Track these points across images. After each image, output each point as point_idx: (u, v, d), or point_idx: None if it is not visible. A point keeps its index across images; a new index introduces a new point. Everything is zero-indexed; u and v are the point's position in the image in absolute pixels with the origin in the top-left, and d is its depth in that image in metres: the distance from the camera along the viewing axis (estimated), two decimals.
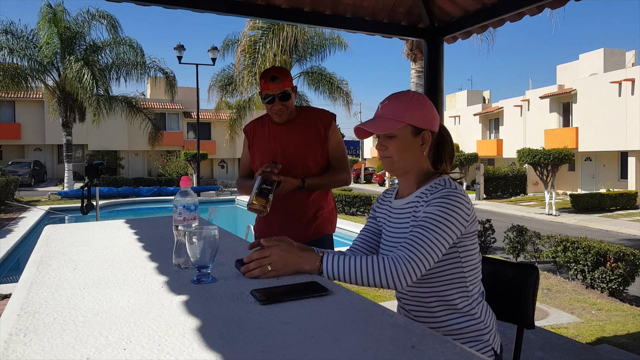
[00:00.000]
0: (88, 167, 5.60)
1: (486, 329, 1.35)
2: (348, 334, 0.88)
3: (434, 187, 1.35)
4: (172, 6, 2.85)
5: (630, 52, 23.99)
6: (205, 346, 0.82)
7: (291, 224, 2.20)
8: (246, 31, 15.92)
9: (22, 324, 0.93)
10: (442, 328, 1.34)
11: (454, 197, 1.28)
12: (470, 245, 1.35)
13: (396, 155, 1.39)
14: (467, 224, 1.30)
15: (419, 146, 1.38)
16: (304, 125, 2.25)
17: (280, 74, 2.16)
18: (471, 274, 1.35)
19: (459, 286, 1.34)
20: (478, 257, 1.39)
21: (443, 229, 1.25)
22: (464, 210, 1.28)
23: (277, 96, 2.13)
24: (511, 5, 2.92)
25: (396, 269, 1.21)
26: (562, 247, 6.88)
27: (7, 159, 29.27)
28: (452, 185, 1.33)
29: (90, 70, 17.62)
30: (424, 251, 1.23)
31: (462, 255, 1.34)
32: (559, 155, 17.11)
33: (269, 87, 2.13)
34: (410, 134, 1.37)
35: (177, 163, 26.75)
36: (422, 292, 1.36)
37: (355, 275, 1.25)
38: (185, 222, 1.38)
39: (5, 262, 7.62)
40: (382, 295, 5.38)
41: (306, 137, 2.23)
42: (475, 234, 1.37)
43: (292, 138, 2.23)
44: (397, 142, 1.38)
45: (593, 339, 4.15)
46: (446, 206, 1.27)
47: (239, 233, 2.53)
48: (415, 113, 1.37)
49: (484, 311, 1.37)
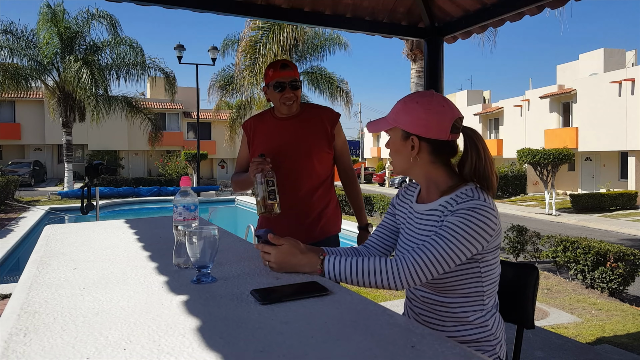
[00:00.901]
0: (88, 167, 5.60)
1: (495, 340, 1.32)
2: (348, 334, 0.88)
3: (459, 196, 1.28)
4: (172, 6, 2.85)
5: (630, 52, 23.99)
6: (205, 346, 0.82)
7: (295, 225, 2.12)
8: (246, 31, 15.93)
9: (22, 324, 0.93)
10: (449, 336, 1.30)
11: (480, 211, 1.21)
12: (493, 259, 1.30)
13: (392, 157, 1.40)
14: (491, 239, 1.24)
15: (409, 151, 1.33)
16: (309, 121, 2.19)
17: (290, 63, 2.15)
18: (489, 287, 1.31)
19: (476, 300, 1.30)
20: (498, 270, 1.34)
21: (461, 241, 1.20)
22: (489, 225, 1.22)
23: (289, 84, 2.09)
24: (511, 5, 2.91)
25: (398, 270, 1.20)
26: (562, 247, 6.88)
27: (7, 159, 29.27)
28: (480, 197, 1.25)
29: (89, 70, 17.62)
30: (433, 258, 1.19)
31: (483, 270, 1.29)
32: (559, 155, 17.12)
33: (280, 75, 2.09)
34: (400, 138, 1.34)
35: (177, 163, 26.76)
36: (436, 300, 1.33)
37: (357, 276, 1.24)
38: (185, 222, 1.38)
39: (5, 262, 7.62)
40: (382, 295, 5.38)
41: (312, 132, 2.16)
42: (498, 248, 1.32)
43: (297, 132, 2.16)
44: (391, 143, 1.38)
45: (593, 339, 4.15)
46: (469, 219, 1.21)
47: (239, 233, 2.53)
48: (404, 117, 1.32)
49: (496, 323, 1.34)
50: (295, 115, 2.18)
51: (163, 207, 15.64)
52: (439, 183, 1.35)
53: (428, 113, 1.31)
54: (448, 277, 1.28)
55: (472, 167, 1.31)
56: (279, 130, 2.18)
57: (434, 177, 1.35)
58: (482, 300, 1.30)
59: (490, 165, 1.33)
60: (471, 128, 1.36)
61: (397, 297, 5.34)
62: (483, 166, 1.31)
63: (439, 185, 1.34)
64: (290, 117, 2.18)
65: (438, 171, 1.35)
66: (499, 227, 1.26)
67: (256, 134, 2.25)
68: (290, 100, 2.11)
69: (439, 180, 1.35)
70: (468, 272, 1.27)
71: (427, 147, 1.32)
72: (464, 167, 1.33)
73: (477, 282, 1.29)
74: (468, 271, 1.27)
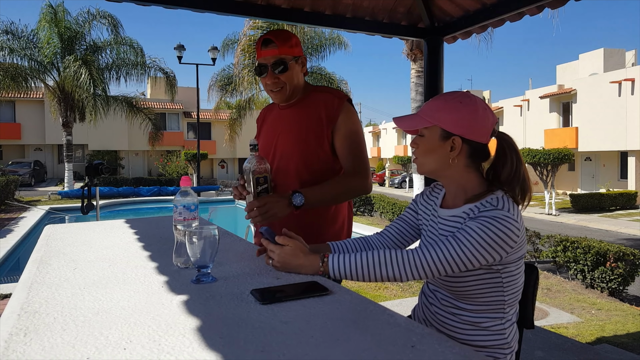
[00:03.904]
0: (88, 167, 5.60)
1: (509, 349, 1.30)
2: (348, 334, 0.88)
3: (484, 204, 1.22)
4: (172, 6, 2.85)
5: (630, 52, 24.01)
6: (205, 346, 0.82)
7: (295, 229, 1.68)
8: (246, 31, 15.94)
9: (22, 324, 0.93)
10: (463, 339, 1.28)
11: (502, 221, 1.15)
12: (516, 271, 1.25)
13: (421, 157, 1.32)
14: (511, 251, 1.19)
15: (447, 152, 1.27)
16: (305, 110, 1.78)
17: (277, 37, 1.69)
18: (511, 297, 1.27)
19: (497, 308, 1.27)
20: (521, 280, 1.29)
21: (475, 246, 1.15)
22: (510, 237, 1.16)
23: (271, 65, 1.68)
24: (511, 5, 2.91)
25: (404, 262, 1.19)
26: (562, 247, 6.88)
27: (8, 158, 29.27)
28: (505, 206, 1.18)
29: (88, 70, 17.61)
30: (443, 258, 1.17)
31: (505, 281, 1.24)
32: (559, 155, 17.14)
33: (260, 54, 1.71)
34: (438, 137, 1.27)
35: (177, 163, 26.77)
36: (457, 305, 1.30)
37: (363, 271, 1.23)
38: (186, 222, 1.38)
39: (5, 262, 7.62)
40: (382, 295, 5.38)
41: (304, 126, 1.76)
42: (522, 259, 1.26)
43: (291, 124, 1.79)
44: (425, 142, 1.30)
45: (593, 338, 4.16)
46: (489, 227, 1.15)
47: (239, 233, 2.52)
48: (446, 115, 1.26)
49: (512, 332, 1.31)
50: (295, 103, 1.80)
51: (163, 207, 15.64)
52: (467, 189, 1.29)
53: (474, 114, 1.26)
54: (467, 284, 1.25)
55: (512, 173, 1.26)
56: (277, 121, 1.86)
57: (465, 182, 1.30)
58: (502, 309, 1.27)
59: (526, 170, 1.30)
60: (505, 133, 1.31)
61: (397, 297, 5.34)
62: (522, 171, 1.27)
63: (467, 192, 1.29)
64: (291, 105, 1.81)
65: (470, 176, 1.30)
66: (521, 239, 1.20)
67: (263, 125, 1.95)
68: (272, 86, 1.72)
69: (468, 186, 1.29)
70: (489, 282, 1.24)
71: (467, 149, 1.27)
72: (500, 173, 1.28)
73: (499, 292, 1.25)
74: (489, 281, 1.24)
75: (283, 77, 1.71)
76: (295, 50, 1.72)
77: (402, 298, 5.24)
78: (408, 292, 5.57)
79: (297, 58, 1.74)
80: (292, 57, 1.72)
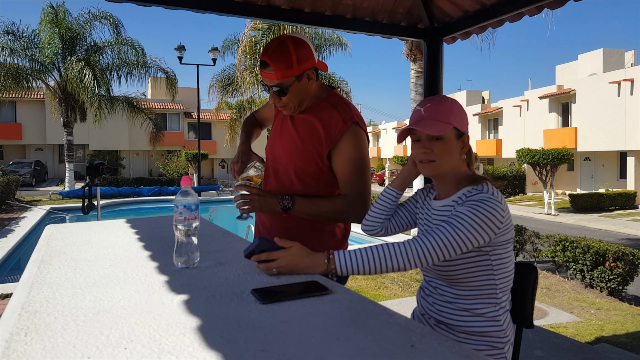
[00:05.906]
0: (89, 167, 5.61)
1: (505, 337, 1.34)
2: (348, 334, 0.89)
3: (470, 191, 1.33)
4: (172, 6, 2.85)
5: (629, 52, 24.00)
6: (205, 345, 0.83)
7: None
8: (247, 32, 15.95)
9: (23, 324, 0.93)
10: (461, 327, 1.35)
11: (489, 202, 1.26)
12: (505, 253, 1.33)
13: (440, 159, 1.36)
14: (499, 231, 1.28)
15: (459, 150, 1.38)
16: (308, 122, 1.70)
17: (274, 60, 1.57)
18: (502, 282, 1.34)
19: (489, 293, 1.33)
20: (511, 266, 1.36)
21: (468, 228, 1.23)
22: (497, 217, 1.25)
23: (272, 88, 1.64)
24: (510, 5, 2.92)
25: (407, 251, 1.24)
26: (561, 247, 6.89)
27: (8, 158, 29.27)
28: (489, 191, 1.30)
29: (92, 71, 17.64)
30: (441, 243, 1.23)
31: (495, 263, 1.32)
32: (558, 155, 17.14)
33: (262, 73, 1.64)
34: (455, 137, 1.36)
35: (177, 163, 26.76)
36: (450, 292, 1.37)
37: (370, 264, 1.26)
38: (186, 222, 1.38)
39: (6, 262, 7.62)
40: (381, 294, 5.38)
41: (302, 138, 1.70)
42: (510, 243, 1.34)
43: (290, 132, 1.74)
44: (443, 145, 1.35)
45: (592, 338, 4.16)
46: (478, 209, 1.25)
47: (239, 233, 2.52)
48: (458, 116, 1.37)
49: (507, 320, 1.37)
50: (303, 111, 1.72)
51: (164, 207, 15.63)
52: (459, 179, 1.39)
53: (464, 111, 1.41)
54: (459, 269, 1.32)
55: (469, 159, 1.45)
56: (280, 127, 1.80)
57: (461, 174, 1.40)
58: (495, 294, 1.34)
59: None
60: None
61: (396, 296, 5.34)
62: None
63: (459, 182, 1.39)
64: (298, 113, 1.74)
65: (463, 168, 1.41)
66: (507, 220, 1.29)
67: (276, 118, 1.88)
68: (277, 104, 1.70)
69: (459, 177, 1.39)
70: (479, 264, 1.31)
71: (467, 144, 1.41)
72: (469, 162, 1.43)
73: (489, 275, 1.32)
74: (479, 263, 1.31)
75: (285, 99, 1.65)
76: (296, 69, 1.59)
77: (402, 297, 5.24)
78: (408, 291, 5.58)
79: (300, 76, 1.62)
80: (294, 77, 1.61)
